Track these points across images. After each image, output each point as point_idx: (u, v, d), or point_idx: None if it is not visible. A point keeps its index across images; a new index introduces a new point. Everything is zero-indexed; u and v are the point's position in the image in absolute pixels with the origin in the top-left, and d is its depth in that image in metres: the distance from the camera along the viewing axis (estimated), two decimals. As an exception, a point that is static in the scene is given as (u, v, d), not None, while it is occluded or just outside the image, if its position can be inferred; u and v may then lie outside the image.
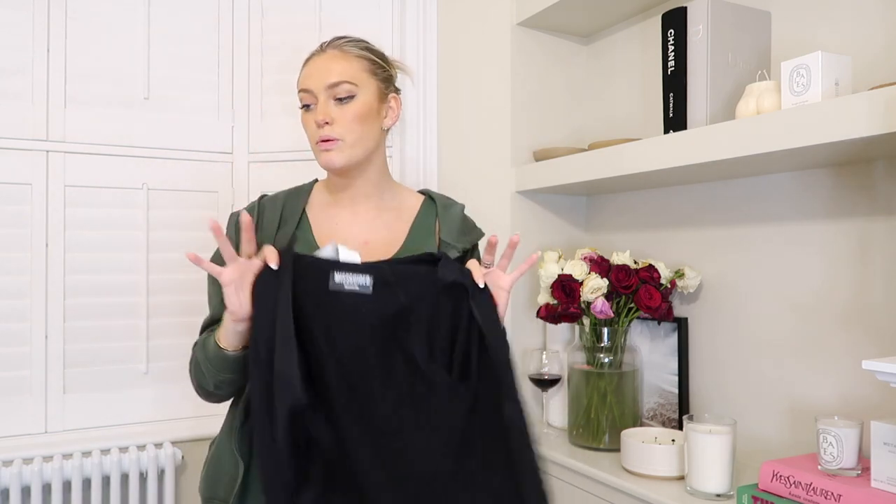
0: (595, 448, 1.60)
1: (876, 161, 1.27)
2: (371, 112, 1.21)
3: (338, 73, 1.19)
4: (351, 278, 1.01)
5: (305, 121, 1.21)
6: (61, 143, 1.81)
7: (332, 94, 1.18)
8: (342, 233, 1.25)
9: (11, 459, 1.71)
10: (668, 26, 1.45)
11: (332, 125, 1.18)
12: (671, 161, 1.38)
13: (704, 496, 1.28)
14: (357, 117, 1.19)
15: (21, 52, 1.77)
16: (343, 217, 1.27)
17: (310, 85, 1.19)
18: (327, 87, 1.18)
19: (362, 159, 1.22)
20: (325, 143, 1.19)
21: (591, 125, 1.97)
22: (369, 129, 1.22)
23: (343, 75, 1.19)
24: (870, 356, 1.25)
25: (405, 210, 1.30)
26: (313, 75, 1.20)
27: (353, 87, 1.19)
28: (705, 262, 1.61)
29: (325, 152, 1.19)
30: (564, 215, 1.97)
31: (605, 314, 1.58)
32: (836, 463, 1.14)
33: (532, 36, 1.92)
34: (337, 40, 1.23)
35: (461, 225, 1.30)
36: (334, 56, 1.21)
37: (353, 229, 1.26)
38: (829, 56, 1.15)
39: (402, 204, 1.31)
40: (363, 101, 1.20)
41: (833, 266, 1.34)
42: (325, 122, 1.17)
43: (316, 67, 1.20)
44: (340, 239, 1.21)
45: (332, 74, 1.18)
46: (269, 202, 1.29)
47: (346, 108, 1.19)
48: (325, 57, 1.21)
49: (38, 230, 1.79)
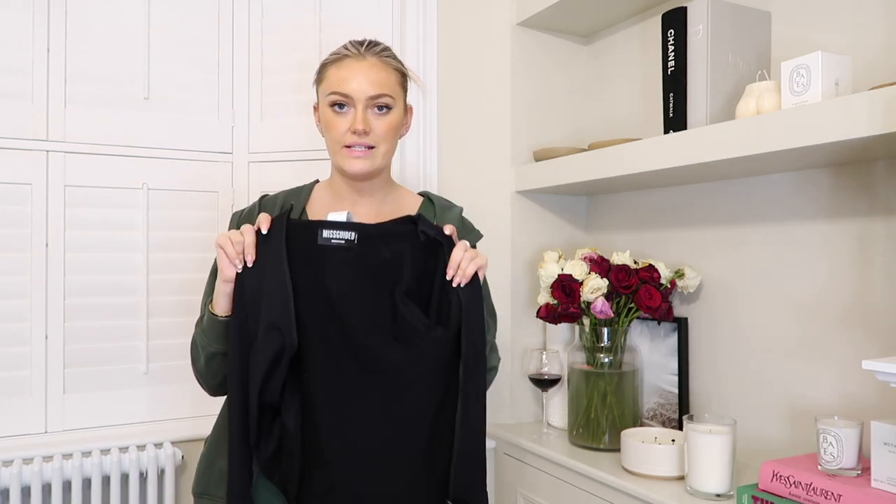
0: (595, 448, 1.60)
1: (876, 161, 1.27)
2: (400, 123, 1.26)
3: (381, 85, 1.21)
4: (337, 234, 1.11)
5: (334, 122, 1.21)
6: (61, 143, 1.81)
7: (373, 104, 1.20)
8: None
9: (11, 459, 1.71)
10: (668, 26, 1.45)
11: (367, 134, 1.20)
12: (671, 161, 1.38)
13: (704, 496, 1.28)
14: (391, 129, 1.23)
15: (21, 52, 1.77)
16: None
17: (351, 91, 1.19)
18: (369, 99, 1.20)
19: (383, 167, 1.27)
20: (358, 151, 1.20)
21: (591, 125, 1.97)
22: (394, 138, 1.26)
23: (385, 88, 1.21)
24: (870, 356, 1.25)
25: (404, 211, 1.31)
26: (355, 82, 1.20)
27: (392, 100, 1.22)
28: (705, 262, 1.61)
29: (357, 159, 1.21)
30: (564, 215, 1.97)
31: (605, 314, 1.58)
32: (836, 463, 1.14)
33: (532, 36, 1.92)
34: (374, 47, 1.24)
35: (459, 227, 1.31)
36: (376, 66, 1.22)
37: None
38: (829, 56, 1.15)
39: (402, 205, 1.33)
40: (397, 114, 1.24)
41: (833, 266, 1.34)
42: (365, 131, 1.19)
43: (357, 74, 1.20)
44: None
45: (375, 86, 1.20)
46: (269, 202, 1.30)
47: (383, 120, 1.22)
48: (367, 65, 1.21)
49: (38, 230, 1.78)
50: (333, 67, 1.23)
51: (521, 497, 1.72)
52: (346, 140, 1.20)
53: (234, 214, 1.31)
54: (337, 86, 1.21)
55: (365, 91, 1.19)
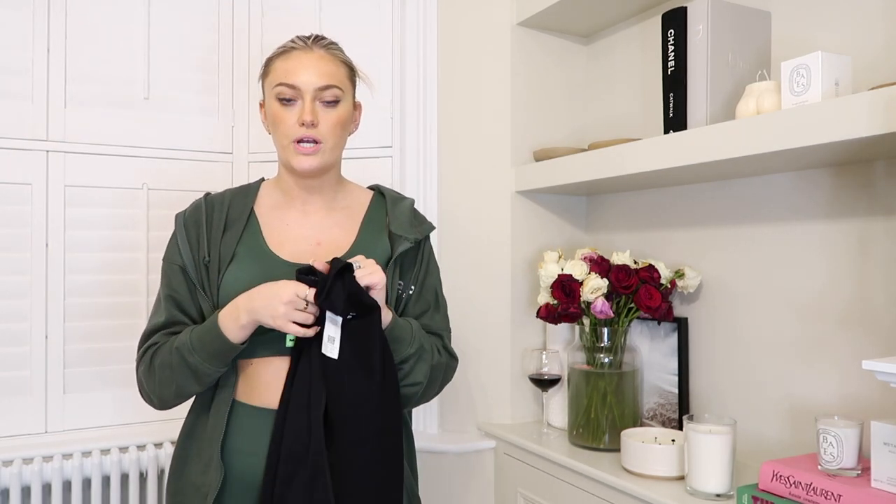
0: (595, 448, 1.60)
1: (876, 161, 1.27)
2: (349, 119, 1.24)
3: (329, 76, 1.18)
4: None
5: (281, 116, 1.18)
6: (61, 143, 1.81)
7: (320, 96, 1.18)
8: (293, 234, 1.25)
9: (11, 459, 1.71)
10: (668, 26, 1.45)
11: (315, 127, 1.17)
12: (671, 161, 1.38)
13: (704, 496, 1.28)
14: (340, 123, 1.21)
15: (21, 52, 1.77)
16: (293, 218, 1.27)
17: (297, 82, 1.17)
18: (317, 90, 1.18)
19: (332, 164, 1.24)
20: (305, 146, 1.18)
21: (591, 125, 1.97)
22: (344, 135, 1.25)
23: (334, 79, 1.19)
24: (870, 356, 1.24)
25: (355, 207, 1.31)
26: (302, 73, 1.18)
27: (340, 92, 1.20)
28: (705, 262, 1.61)
29: (304, 155, 1.18)
30: (564, 215, 1.97)
31: (605, 314, 1.58)
32: (836, 463, 1.14)
33: (532, 36, 1.92)
34: (321, 40, 1.23)
35: (411, 218, 1.30)
36: (324, 58, 1.20)
37: (304, 230, 1.26)
38: (829, 56, 1.15)
39: (353, 202, 1.31)
40: (345, 108, 1.22)
41: (833, 266, 1.34)
42: (312, 122, 1.16)
43: (305, 65, 1.18)
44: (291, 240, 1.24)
45: (324, 77, 1.18)
46: (216, 201, 1.27)
47: (331, 113, 1.19)
48: (315, 57, 1.19)
49: (38, 230, 1.79)
50: (280, 60, 1.20)
51: (521, 497, 1.72)
52: (294, 133, 1.18)
53: (177, 215, 1.28)
54: (284, 77, 1.18)
55: (313, 82, 1.17)
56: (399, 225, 1.27)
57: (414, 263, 1.29)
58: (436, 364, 1.24)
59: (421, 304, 1.30)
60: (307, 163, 1.19)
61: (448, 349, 1.32)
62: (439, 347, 1.28)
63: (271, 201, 1.29)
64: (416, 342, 1.20)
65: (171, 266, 1.24)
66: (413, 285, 1.28)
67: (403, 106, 1.93)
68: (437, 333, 1.30)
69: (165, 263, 1.26)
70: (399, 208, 1.31)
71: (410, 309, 1.28)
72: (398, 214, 1.29)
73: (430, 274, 1.32)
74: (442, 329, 1.31)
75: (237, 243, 1.22)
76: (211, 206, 1.27)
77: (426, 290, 1.31)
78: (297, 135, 1.18)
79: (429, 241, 1.34)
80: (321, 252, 1.23)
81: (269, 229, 1.26)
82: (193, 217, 1.26)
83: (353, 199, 1.32)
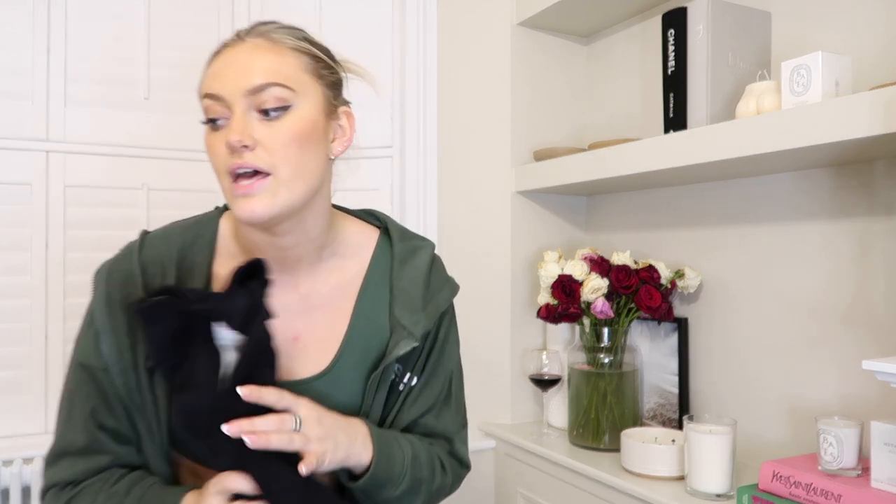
0: (595, 448, 1.60)
1: (876, 161, 1.27)
2: (315, 131, 0.83)
3: (265, 72, 0.80)
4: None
5: (211, 143, 0.82)
6: (61, 143, 1.81)
7: (256, 103, 0.79)
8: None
9: (11, 459, 1.71)
10: (668, 26, 1.45)
11: (253, 150, 0.78)
12: (671, 161, 1.38)
13: (704, 496, 1.28)
14: (295, 138, 0.80)
15: (21, 52, 1.77)
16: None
17: (218, 88, 0.80)
18: (248, 93, 0.79)
19: (300, 205, 0.82)
20: (243, 183, 0.78)
21: (591, 125, 1.97)
22: (312, 156, 0.82)
23: (274, 75, 0.80)
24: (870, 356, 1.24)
25: (351, 268, 0.94)
26: (224, 74, 0.80)
27: (289, 93, 0.80)
28: (705, 262, 1.61)
29: (245, 199, 0.78)
30: (564, 215, 1.97)
31: (605, 314, 1.58)
32: (836, 463, 1.14)
33: (532, 36, 1.92)
34: (262, 26, 0.85)
35: (423, 290, 0.93)
36: (260, 47, 0.82)
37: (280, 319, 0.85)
38: (829, 56, 1.15)
39: (348, 260, 0.94)
40: (303, 115, 0.81)
41: (833, 266, 1.34)
42: (242, 144, 0.77)
43: (229, 64, 0.81)
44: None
45: (255, 73, 0.79)
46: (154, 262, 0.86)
47: (277, 126, 0.79)
48: (245, 48, 0.82)
49: (38, 230, 1.78)
50: (208, 67, 0.85)
51: (521, 497, 1.72)
52: (226, 165, 0.79)
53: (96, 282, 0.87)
54: (204, 87, 0.82)
55: (240, 82, 0.79)
56: (404, 305, 0.91)
57: (423, 348, 0.93)
58: (435, 489, 0.94)
59: (425, 400, 0.94)
60: (248, 208, 0.78)
61: (457, 455, 0.99)
62: (443, 460, 0.96)
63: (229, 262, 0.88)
64: (408, 478, 0.88)
65: (87, 371, 0.84)
66: (417, 375, 0.93)
67: (403, 106, 1.93)
68: (445, 436, 0.97)
69: (77, 366, 0.85)
70: (408, 272, 0.93)
71: (409, 406, 0.93)
72: (406, 285, 0.92)
73: (444, 358, 0.96)
74: (452, 432, 0.98)
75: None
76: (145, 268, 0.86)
77: (436, 379, 0.95)
78: (227, 164, 0.79)
79: (445, 322, 0.97)
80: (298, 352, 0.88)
81: None
82: (123, 291, 0.84)
83: (350, 255, 0.94)
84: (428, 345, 0.94)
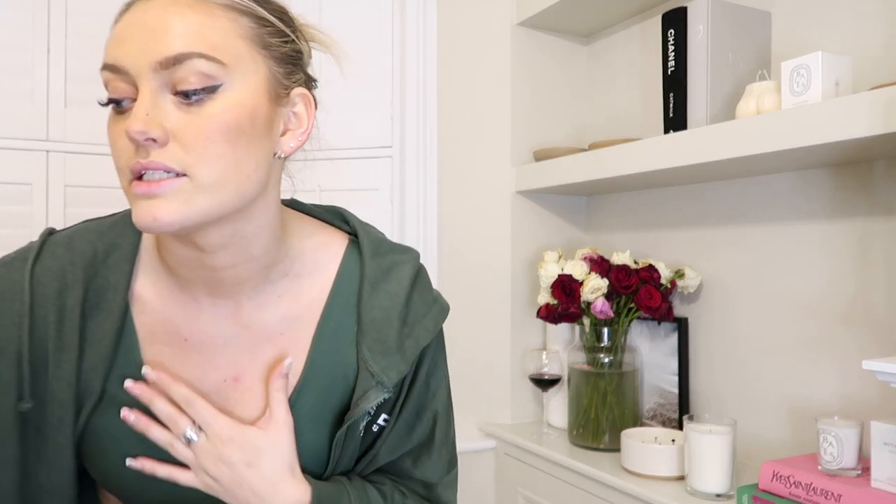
0: (595, 448, 1.60)
1: (876, 161, 1.27)
2: (254, 121, 0.62)
3: (183, 35, 0.59)
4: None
5: (112, 132, 0.63)
6: (61, 143, 1.81)
7: (172, 80, 0.59)
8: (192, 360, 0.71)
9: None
10: (668, 26, 1.45)
11: (164, 145, 0.59)
12: (671, 161, 1.38)
13: (704, 496, 1.28)
14: (222, 130, 0.60)
15: (21, 52, 1.77)
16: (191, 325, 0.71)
17: (120, 58, 0.60)
18: (159, 66, 0.59)
19: (227, 214, 0.63)
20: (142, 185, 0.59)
21: (591, 125, 1.97)
22: (248, 155, 0.62)
23: (194, 42, 0.59)
24: (870, 356, 1.24)
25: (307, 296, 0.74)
26: (129, 39, 0.60)
27: (217, 67, 0.60)
28: (705, 262, 1.61)
29: (146, 199, 0.59)
30: (564, 215, 1.97)
31: (605, 314, 1.58)
32: (836, 463, 1.14)
33: (532, 36, 1.92)
34: None
35: (399, 324, 0.73)
36: (177, 2, 0.60)
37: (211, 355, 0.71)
38: (829, 56, 1.15)
39: (303, 283, 0.74)
40: (236, 99, 0.61)
41: (833, 266, 1.34)
42: (147, 137, 0.58)
43: (135, 24, 0.60)
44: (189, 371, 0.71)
45: (169, 39, 0.59)
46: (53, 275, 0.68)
47: (198, 113, 0.60)
48: (158, 4, 0.60)
49: (38, 230, 1.78)
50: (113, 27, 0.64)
51: (521, 497, 1.72)
52: (126, 161, 0.60)
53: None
54: (107, 55, 0.62)
55: (147, 53, 0.59)
56: (374, 344, 0.72)
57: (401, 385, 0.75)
58: None
59: (402, 444, 0.78)
60: (148, 213, 0.59)
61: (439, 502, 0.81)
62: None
63: (157, 282, 0.71)
64: None
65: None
66: (393, 417, 0.76)
67: (403, 106, 1.93)
68: (423, 483, 0.79)
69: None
70: (381, 299, 0.73)
71: (383, 449, 0.77)
72: (377, 317, 0.73)
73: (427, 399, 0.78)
74: (433, 478, 0.79)
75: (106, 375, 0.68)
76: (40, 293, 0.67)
77: (418, 421, 0.78)
78: (130, 163, 0.60)
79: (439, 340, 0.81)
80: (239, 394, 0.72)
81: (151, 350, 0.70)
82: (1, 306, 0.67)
83: (307, 274, 0.74)
84: (405, 388, 0.76)
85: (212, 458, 0.67)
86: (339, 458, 0.74)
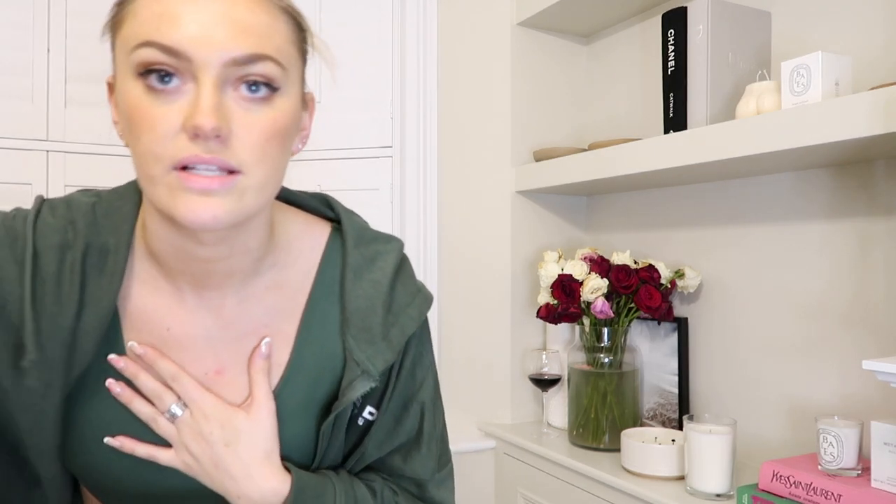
0: (595, 448, 1.60)
1: (876, 161, 1.27)
2: (295, 125, 0.65)
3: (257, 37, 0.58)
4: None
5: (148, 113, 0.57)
6: (61, 143, 1.81)
7: (234, 77, 0.58)
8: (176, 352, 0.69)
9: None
10: (668, 26, 1.45)
11: (224, 141, 0.57)
12: (671, 161, 1.38)
13: (704, 496, 1.28)
14: (277, 134, 0.61)
15: (21, 52, 1.77)
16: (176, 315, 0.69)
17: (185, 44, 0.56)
18: (231, 62, 0.57)
19: (257, 212, 0.63)
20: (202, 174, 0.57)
21: (591, 125, 1.97)
22: (285, 158, 0.64)
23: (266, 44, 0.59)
24: (870, 356, 1.24)
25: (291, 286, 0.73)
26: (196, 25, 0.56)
27: (280, 72, 0.60)
28: (705, 262, 1.61)
29: (200, 196, 0.57)
30: (564, 215, 1.97)
31: (605, 314, 1.58)
32: (836, 463, 1.14)
33: (532, 36, 1.92)
34: None
35: (384, 312, 0.73)
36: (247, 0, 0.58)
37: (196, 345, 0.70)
38: (829, 56, 1.15)
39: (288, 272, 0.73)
40: (288, 107, 0.62)
41: (833, 266, 1.34)
42: (216, 133, 0.56)
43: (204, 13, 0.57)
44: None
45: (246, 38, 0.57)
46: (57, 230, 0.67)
47: (258, 114, 0.59)
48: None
49: (38, 230, 1.79)
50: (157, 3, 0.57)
51: (521, 497, 1.72)
52: (176, 151, 0.57)
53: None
54: (155, 31, 0.56)
55: (222, 46, 0.56)
56: (359, 332, 0.71)
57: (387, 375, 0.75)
58: None
59: (390, 439, 0.77)
60: (206, 210, 0.57)
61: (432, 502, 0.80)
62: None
63: (146, 271, 0.69)
64: None
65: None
66: (378, 409, 0.75)
67: (403, 106, 1.94)
68: (415, 481, 0.79)
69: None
70: (365, 287, 0.73)
71: (371, 443, 0.76)
72: (361, 305, 0.72)
73: (413, 389, 0.77)
74: (424, 475, 0.78)
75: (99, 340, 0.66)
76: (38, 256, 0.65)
77: (405, 414, 0.77)
78: (181, 154, 0.56)
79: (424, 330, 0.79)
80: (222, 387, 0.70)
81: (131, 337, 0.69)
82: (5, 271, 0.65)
83: (290, 264, 0.73)
84: (392, 377, 0.75)
85: (194, 433, 0.67)
86: (326, 450, 0.73)
